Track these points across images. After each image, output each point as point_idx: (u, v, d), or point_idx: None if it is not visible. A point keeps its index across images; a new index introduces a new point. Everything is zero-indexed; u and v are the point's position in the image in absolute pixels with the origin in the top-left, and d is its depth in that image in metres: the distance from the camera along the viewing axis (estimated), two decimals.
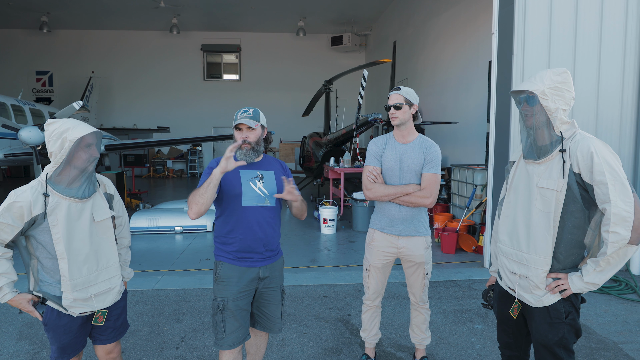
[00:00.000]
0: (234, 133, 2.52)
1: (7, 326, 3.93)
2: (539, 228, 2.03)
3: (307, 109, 13.31)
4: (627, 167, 5.44)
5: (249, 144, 2.44)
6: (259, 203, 2.47)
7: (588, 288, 1.98)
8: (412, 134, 2.95)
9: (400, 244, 2.94)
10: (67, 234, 2.14)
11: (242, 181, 2.46)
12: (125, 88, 19.07)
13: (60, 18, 16.52)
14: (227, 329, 2.42)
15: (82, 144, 2.14)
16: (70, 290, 2.17)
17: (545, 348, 2.11)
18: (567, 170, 1.94)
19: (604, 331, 3.83)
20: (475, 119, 8.97)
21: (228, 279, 2.45)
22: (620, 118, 5.40)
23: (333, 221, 7.66)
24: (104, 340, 2.42)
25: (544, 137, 2.02)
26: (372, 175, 2.92)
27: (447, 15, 10.30)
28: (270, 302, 2.58)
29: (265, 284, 2.54)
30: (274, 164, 2.61)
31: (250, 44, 19.25)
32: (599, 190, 1.89)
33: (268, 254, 2.53)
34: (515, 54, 5.20)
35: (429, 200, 2.84)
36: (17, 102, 10.84)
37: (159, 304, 4.45)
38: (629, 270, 5.27)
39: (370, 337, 3.22)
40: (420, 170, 2.87)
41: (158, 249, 6.64)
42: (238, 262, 2.46)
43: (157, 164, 18.65)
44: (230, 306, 2.42)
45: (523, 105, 2.04)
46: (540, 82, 1.97)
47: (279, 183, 2.53)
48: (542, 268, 2.04)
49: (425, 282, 3.05)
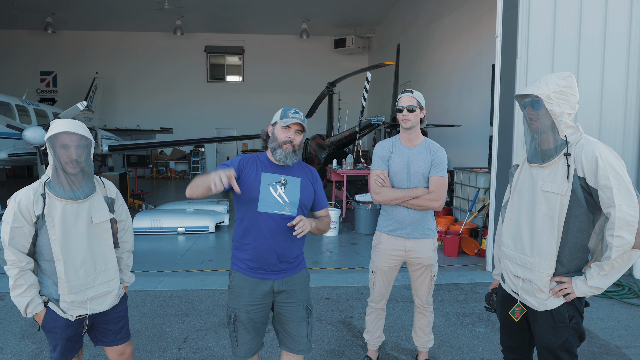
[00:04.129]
0: (270, 130, 2.36)
1: (11, 325, 3.94)
2: (543, 232, 2.03)
3: (310, 111, 13.32)
4: (631, 171, 5.42)
5: (293, 146, 2.29)
6: (276, 211, 2.26)
7: (592, 292, 1.98)
8: (418, 137, 2.96)
9: (409, 247, 2.93)
10: (63, 236, 2.14)
11: (261, 185, 2.27)
12: (129, 89, 19.13)
13: (64, 19, 16.60)
14: (240, 340, 2.35)
15: (55, 143, 2.11)
16: (67, 292, 2.17)
17: (549, 352, 2.10)
18: (571, 174, 1.94)
19: (607, 335, 3.82)
20: (478, 122, 8.96)
21: (240, 289, 2.33)
22: (624, 122, 5.39)
23: (335, 223, 7.65)
24: (107, 342, 2.42)
25: (549, 141, 2.02)
26: (379, 179, 2.92)
27: (451, 18, 10.30)
28: (291, 320, 2.38)
29: (283, 299, 2.36)
30: (303, 171, 2.42)
31: (253, 46, 19.30)
32: (603, 195, 1.89)
33: (283, 266, 2.33)
34: (519, 57, 5.19)
35: (438, 202, 2.84)
36: (22, 103, 10.90)
37: (161, 304, 4.45)
38: (632, 275, 5.25)
39: (374, 339, 3.23)
40: (428, 173, 2.87)
41: (161, 250, 6.65)
42: (250, 272, 2.31)
43: (160, 164, 18.70)
44: (241, 318, 2.32)
45: (528, 109, 2.03)
46: (545, 86, 1.97)
47: (303, 191, 2.34)
48: (546, 272, 2.04)
49: (431, 285, 3.05)
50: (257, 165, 2.33)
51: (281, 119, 2.30)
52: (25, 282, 2.15)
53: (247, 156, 2.39)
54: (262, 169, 2.31)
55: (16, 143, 9.46)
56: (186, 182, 17.04)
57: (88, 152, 2.19)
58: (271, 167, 2.32)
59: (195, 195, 2.14)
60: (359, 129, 9.23)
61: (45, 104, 14.14)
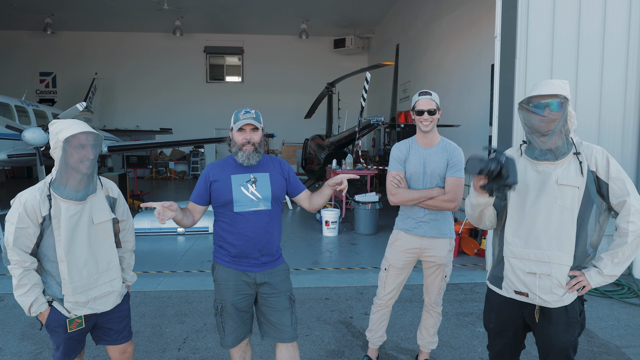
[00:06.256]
0: (231, 135, 2.46)
1: (10, 326, 3.94)
2: (562, 224, 2.06)
3: (309, 111, 13.34)
4: (630, 170, 5.42)
5: (253, 145, 2.40)
6: (252, 208, 2.41)
7: (606, 281, 2.07)
8: (436, 138, 2.95)
9: (424, 245, 2.93)
10: (67, 237, 2.15)
11: (232, 187, 2.41)
12: (128, 89, 19.12)
13: (64, 20, 16.59)
14: (227, 330, 2.48)
15: (72, 143, 2.12)
16: (70, 293, 2.18)
17: (561, 352, 2.12)
18: (585, 169, 2.06)
19: (606, 335, 3.82)
20: (477, 122, 8.96)
21: (225, 281, 2.46)
22: (622, 121, 5.40)
23: (335, 223, 7.65)
24: (109, 341, 2.43)
25: (558, 141, 2.07)
26: (395, 180, 2.92)
27: (450, 19, 10.31)
28: (274, 310, 2.49)
29: (266, 290, 2.48)
30: (270, 165, 2.53)
31: (253, 46, 19.29)
32: (615, 186, 2.05)
33: (265, 260, 2.47)
34: (518, 57, 5.20)
35: (453, 204, 2.83)
36: (21, 103, 10.89)
37: (161, 305, 4.45)
38: (631, 274, 5.25)
39: (376, 338, 3.23)
40: (444, 174, 2.86)
41: (160, 250, 6.65)
42: (233, 265, 2.45)
43: (160, 165, 18.70)
44: (228, 308, 2.45)
45: (545, 110, 2.02)
46: (561, 88, 2.05)
47: (274, 185, 2.47)
48: (566, 264, 2.07)
49: (443, 285, 3.04)
50: (225, 169, 2.47)
51: (234, 122, 2.43)
52: (29, 281, 2.16)
53: (214, 164, 2.54)
54: (230, 171, 2.44)
55: (15, 144, 9.45)
56: (186, 183, 17.07)
57: (98, 151, 2.24)
58: (239, 169, 2.45)
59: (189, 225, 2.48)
60: (359, 129, 9.23)
61: (45, 105, 14.12)
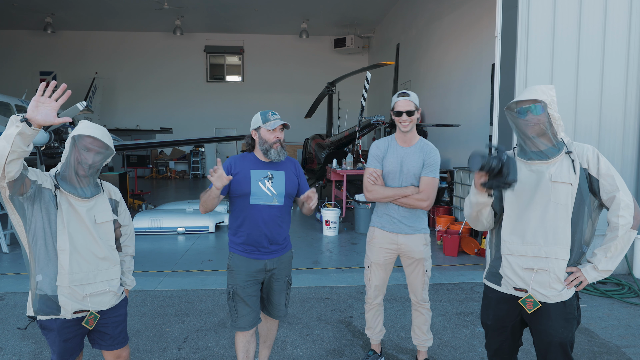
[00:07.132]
0: (255, 134, 2.65)
1: (10, 326, 3.94)
2: (557, 220, 2.13)
3: (309, 111, 13.32)
4: (630, 169, 5.43)
5: (281, 144, 2.63)
6: (266, 202, 2.63)
7: (602, 276, 2.14)
8: (414, 137, 3.04)
9: (400, 241, 3.02)
10: (69, 227, 2.17)
11: (251, 181, 2.62)
12: (129, 89, 19.12)
13: (64, 19, 16.59)
14: (239, 313, 2.67)
15: (79, 142, 2.18)
16: (67, 283, 2.16)
17: (560, 347, 2.15)
18: (577, 167, 2.15)
19: (606, 335, 3.82)
20: (478, 122, 8.95)
21: (237, 268, 2.68)
22: (623, 120, 5.40)
23: (335, 223, 7.66)
24: (104, 346, 2.40)
25: (546, 142, 2.18)
26: (372, 177, 3.01)
27: (450, 18, 10.30)
28: (276, 292, 2.78)
29: (273, 275, 2.74)
30: (286, 164, 2.75)
31: (253, 46, 19.28)
32: (605, 182, 2.13)
33: (274, 248, 2.70)
34: (519, 57, 5.19)
35: (426, 203, 2.93)
36: (21, 103, 10.87)
37: (161, 304, 4.45)
38: (631, 274, 5.25)
39: (376, 333, 3.28)
40: (419, 173, 2.95)
41: (161, 250, 6.66)
42: (246, 254, 2.67)
43: (160, 164, 18.70)
44: (239, 292, 2.65)
45: (527, 115, 2.14)
46: (543, 93, 2.14)
47: (288, 183, 2.69)
48: (563, 258, 2.13)
49: (425, 280, 3.08)
50: (245, 164, 2.67)
51: (265, 123, 2.62)
52: None
53: (236, 157, 2.73)
54: (250, 167, 2.65)
55: None
56: (186, 182, 17.07)
57: (104, 161, 2.29)
58: (258, 165, 2.67)
59: (209, 208, 2.59)
60: (359, 129, 9.23)
61: None
